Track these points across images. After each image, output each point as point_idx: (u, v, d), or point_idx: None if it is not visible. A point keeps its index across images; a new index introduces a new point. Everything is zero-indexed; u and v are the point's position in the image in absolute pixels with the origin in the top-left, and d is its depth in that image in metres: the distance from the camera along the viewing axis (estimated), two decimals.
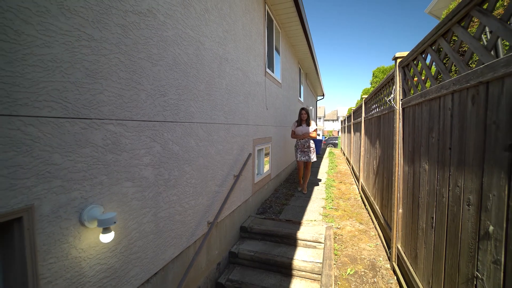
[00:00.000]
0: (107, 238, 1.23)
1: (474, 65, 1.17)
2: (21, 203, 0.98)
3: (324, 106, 50.14)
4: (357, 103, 14.65)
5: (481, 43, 1.04)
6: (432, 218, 1.49)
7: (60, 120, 1.12)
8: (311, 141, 4.80)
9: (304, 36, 6.27)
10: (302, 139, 4.78)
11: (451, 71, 1.33)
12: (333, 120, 56.17)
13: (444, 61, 1.43)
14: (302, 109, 4.78)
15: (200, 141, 2.27)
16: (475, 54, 1.13)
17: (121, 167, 1.44)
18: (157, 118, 1.72)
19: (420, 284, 1.66)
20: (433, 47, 1.52)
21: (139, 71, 1.56)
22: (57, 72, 1.10)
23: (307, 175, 5.06)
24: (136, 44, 1.53)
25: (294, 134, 4.90)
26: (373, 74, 11.64)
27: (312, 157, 4.80)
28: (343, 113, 50.72)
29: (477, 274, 1.02)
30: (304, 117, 4.77)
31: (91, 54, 1.25)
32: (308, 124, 4.78)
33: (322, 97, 16.74)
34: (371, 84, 11.70)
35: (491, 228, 0.95)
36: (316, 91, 15.26)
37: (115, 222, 1.24)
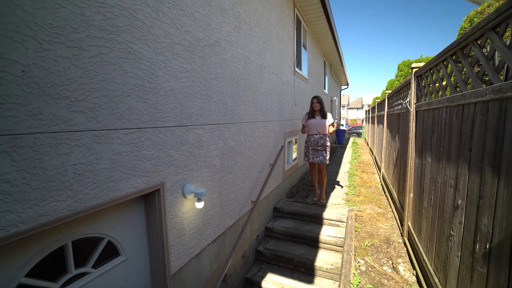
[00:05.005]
0: (200, 205, 1.87)
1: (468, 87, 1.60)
2: (159, 181, 1.62)
3: (348, 94, 48.89)
4: (382, 93, 14.47)
5: (463, 75, 1.48)
6: (431, 199, 1.96)
7: (173, 128, 1.73)
8: (327, 138, 3.89)
9: (330, 31, 6.55)
10: (316, 135, 3.85)
11: (446, 90, 1.76)
12: (357, 108, 54.64)
13: (444, 80, 1.85)
14: (314, 97, 3.86)
15: (247, 137, 2.86)
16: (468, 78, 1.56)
17: (202, 158, 2.06)
18: (221, 121, 2.31)
19: (421, 250, 2.15)
20: (437, 67, 1.94)
21: (211, 88, 2.14)
22: (171, 97, 1.71)
23: (323, 180, 4.08)
24: (209, 68, 2.11)
25: (304, 129, 4.02)
26: (398, 67, 11.49)
27: (327, 158, 3.87)
28: (368, 101, 49.12)
29: (451, 233, 1.51)
30: (317, 107, 3.83)
31: (187, 82, 1.85)
32: (324, 116, 3.84)
33: (347, 86, 16.67)
34: (396, 77, 11.58)
35: (459, 201, 1.42)
36: (340, 80, 15.27)
37: (205, 195, 1.87)
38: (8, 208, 0.89)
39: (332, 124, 3.87)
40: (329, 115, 3.89)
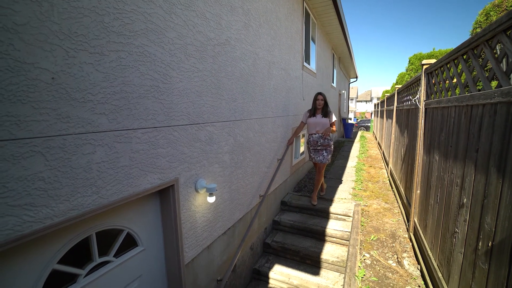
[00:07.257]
0: (211, 199, 1.95)
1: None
2: (173, 177, 1.70)
3: (357, 86, 48.00)
4: (392, 86, 14.20)
5: (473, 75, 1.49)
6: (437, 196, 2.00)
7: (186, 126, 1.80)
8: (328, 137, 3.62)
9: (339, 23, 6.43)
10: (315, 135, 3.62)
11: (456, 89, 1.77)
12: (366, 101, 53.63)
13: (455, 79, 1.86)
14: (319, 94, 3.64)
15: (256, 133, 2.91)
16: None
17: (213, 154, 2.13)
18: (231, 119, 2.37)
19: (426, 245, 2.20)
20: (448, 65, 1.94)
21: (221, 86, 2.19)
22: (184, 96, 1.77)
23: (319, 180, 3.82)
24: (219, 67, 2.15)
25: (301, 128, 3.87)
26: (409, 60, 11.22)
27: (327, 157, 3.63)
28: (378, 93, 48.23)
29: (456, 230, 1.56)
30: (320, 105, 3.61)
31: (199, 81, 1.91)
32: (325, 115, 3.59)
33: (356, 79, 16.41)
34: (407, 70, 11.33)
35: (465, 200, 1.46)
36: (349, 73, 15.04)
37: (216, 190, 1.95)
38: (44, 203, 0.98)
39: (333, 124, 3.60)
40: (331, 114, 3.62)
